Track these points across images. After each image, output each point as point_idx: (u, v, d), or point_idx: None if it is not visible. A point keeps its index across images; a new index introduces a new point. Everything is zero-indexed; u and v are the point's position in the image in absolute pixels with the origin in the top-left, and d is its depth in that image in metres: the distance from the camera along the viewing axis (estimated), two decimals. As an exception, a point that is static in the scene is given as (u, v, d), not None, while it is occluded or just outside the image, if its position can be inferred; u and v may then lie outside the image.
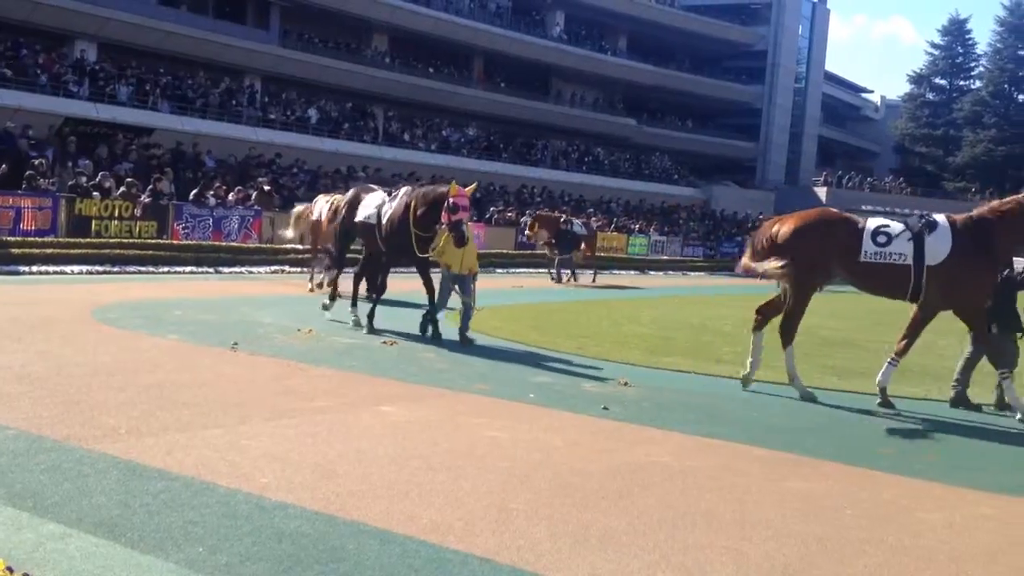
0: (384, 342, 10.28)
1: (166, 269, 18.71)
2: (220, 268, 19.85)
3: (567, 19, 52.51)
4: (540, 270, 26.70)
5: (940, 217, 8.39)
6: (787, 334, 8.55)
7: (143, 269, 18.35)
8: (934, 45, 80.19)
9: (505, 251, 30.25)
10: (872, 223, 8.49)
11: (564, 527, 4.43)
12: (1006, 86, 76.65)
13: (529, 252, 29.75)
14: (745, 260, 8.83)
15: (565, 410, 7.27)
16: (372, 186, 12.21)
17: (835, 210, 9.37)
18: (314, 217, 15.42)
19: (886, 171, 77.50)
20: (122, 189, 21.04)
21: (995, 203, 8.69)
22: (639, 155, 55.99)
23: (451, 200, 10.18)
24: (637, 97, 57.46)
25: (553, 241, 24.11)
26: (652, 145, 57.28)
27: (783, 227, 8.52)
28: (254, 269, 20.58)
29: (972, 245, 8.08)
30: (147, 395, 6.73)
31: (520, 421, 6.81)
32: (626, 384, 8.48)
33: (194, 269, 19.27)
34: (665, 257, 38.85)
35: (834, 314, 16.77)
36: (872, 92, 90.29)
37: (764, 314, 8.99)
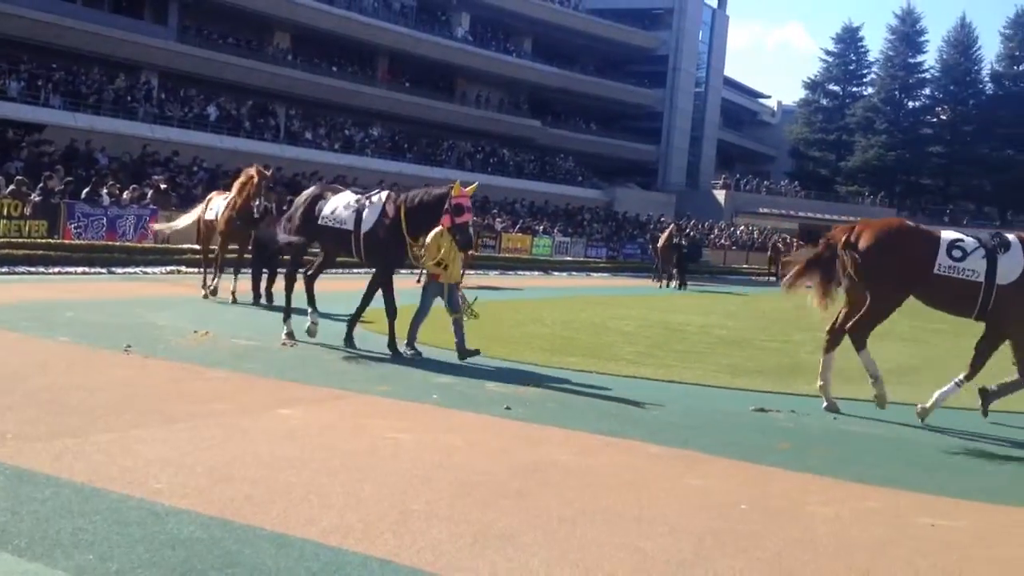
0: (284, 344, 10.12)
1: (57, 270, 18.04)
2: (114, 268, 19.23)
3: (472, 20, 52.68)
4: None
5: (1012, 236, 8.18)
6: (861, 339, 8.36)
7: (32, 270, 17.65)
8: (828, 52, 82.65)
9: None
10: (947, 236, 8.29)
11: (465, 527, 4.43)
12: (896, 93, 79.44)
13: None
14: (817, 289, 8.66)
15: (468, 411, 7.28)
16: (336, 186, 11.46)
17: (907, 221, 9.16)
18: (208, 216, 14.65)
19: (782, 174, 79.67)
20: (11, 187, 20.28)
21: None
22: (544, 156, 56.39)
23: (453, 201, 9.38)
24: (542, 99, 57.91)
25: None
26: (557, 147, 57.77)
27: (864, 238, 8.33)
28: (149, 269, 20.00)
29: None
30: (36, 399, 6.50)
31: (422, 422, 6.79)
32: (529, 384, 8.52)
33: (86, 269, 18.60)
34: (569, 258, 39.16)
35: (729, 314, 17.18)
36: (769, 97, 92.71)
37: (836, 335, 8.67)
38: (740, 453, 6.47)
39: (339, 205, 10.10)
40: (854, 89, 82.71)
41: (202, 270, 15.01)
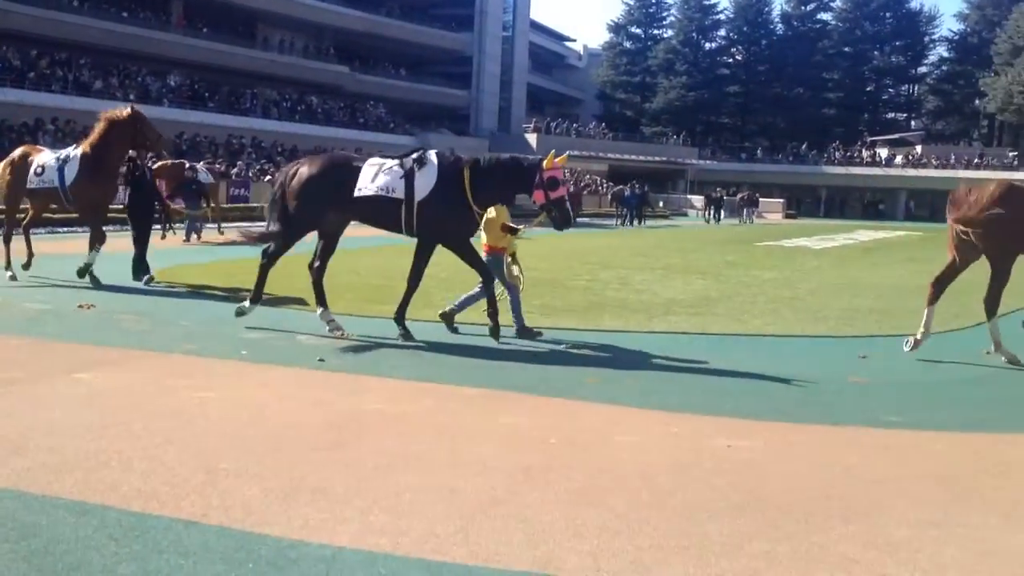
0: (80, 305, 9.62)
1: None
2: None
3: (272, -38, 50.85)
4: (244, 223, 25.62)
5: None
6: (994, 306, 8.48)
7: None
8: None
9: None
10: None
11: (276, 483, 4.37)
12: (694, 35, 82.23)
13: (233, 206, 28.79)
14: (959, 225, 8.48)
15: (279, 365, 7.15)
16: (352, 154, 9.86)
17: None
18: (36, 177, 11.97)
19: (591, 117, 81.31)
20: None
21: None
22: (354, 103, 55.44)
23: (547, 174, 8.27)
24: (349, 44, 56.76)
25: (173, 195, 18.99)
26: (367, 93, 56.89)
27: (986, 194, 8.37)
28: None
29: None
30: None
31: (231, 380, 6.63)
32: (343, 335, 8.44)
33: None
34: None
35: (541, 256, 17.49)
36: (575, 41, 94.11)
37: (939, 286, 8.83)
38: (552, 390, 6.63)
39: (378, 171, 8.48)
40: (655, 32, 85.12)
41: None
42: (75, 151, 11.58)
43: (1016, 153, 71.88)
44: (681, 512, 4.18)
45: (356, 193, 8.40)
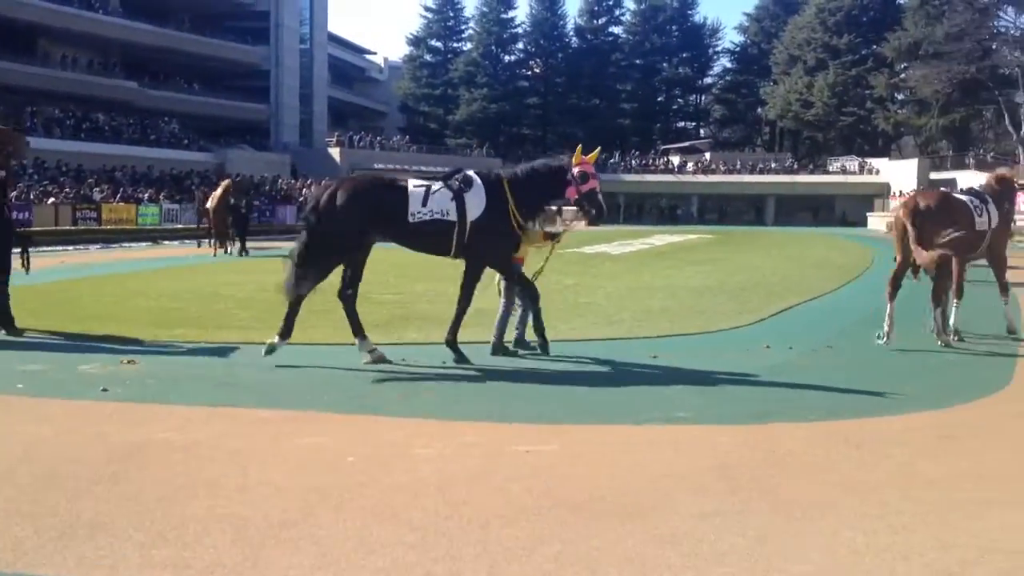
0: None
1: None
2: None
3: (52, -24, 48.26)
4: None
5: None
6: (942, 296, 9.67)
7: None
8: (427, 8, 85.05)
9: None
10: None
11: (51, 520, 4.11)
12: (493, 48, 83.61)
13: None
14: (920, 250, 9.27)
15: (60, 397, 6.73)
16: (391, 176, 9.14)
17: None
18: None
19: (395, 130, 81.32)
20: None
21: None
22: (145, 120, 53.22)
23: (576, 169, 8.23)
24: (138, 59, 54.58)
25: None
26: (159, 109, 54.80)
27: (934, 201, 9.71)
28: None
29: None
30: None
31: (6, 415, 6.20)
32: (130, 362, 8.05)
33: None
34: (180, 225, 37.40)
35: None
36: (376, 54, 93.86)
37: (896, 283, 9.86)
38: (353, 407, 6.55)
39: (426, 194, 8.17)
40: (455, 44, 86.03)
41: None
42: None
43: (795, 158, 76.84)
44: (476, 520, 4.20)
45: (410, 218, 8.07)
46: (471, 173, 8.45)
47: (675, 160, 74.80)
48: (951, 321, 9.77)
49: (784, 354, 9.02)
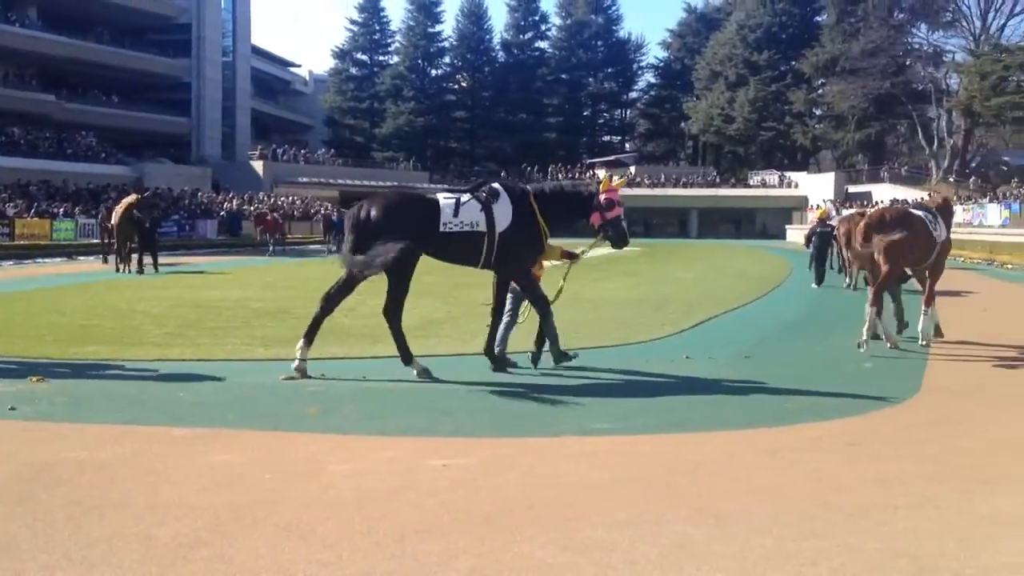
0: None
1: None
2: None
3: (-37, -14, 47.01)
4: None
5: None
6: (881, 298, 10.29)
7: None
8: (353, 22, 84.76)
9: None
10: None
11: (-52, 548, 3.97)
12: (420, 61, 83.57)
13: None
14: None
15: (-37, 418, 6.51)
16: (417, 187, 9.18)
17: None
18: None
19: (320, 143, 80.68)
20: None
21: None
22: (62, 133, 51.97)
23: (604, 197, 8.66)
24: (55, 71, 53.41)
25: None
26: (76, 122, 53.59)
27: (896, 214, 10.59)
28: None
29: None
30: None
31: (-97, 438, 5.97)
32: (39, 380, 7.83)
33: None
34: (96, 241, 36.43)
35: (267, 286, 17.11)
36: (300, 66, 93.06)
37: (879, 296, 10.33)
38: (270, 424, 6.46)
39: (456, 205, 8.37)
40: (381, 58, 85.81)
41: None
42: None
43: (717, 171, 78.19)
44: (391, 535, 4.17)
45: (442, 228, 8.25)
46: (496, 185, 8.66)
47: (601, 174, 75.29)
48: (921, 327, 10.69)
49: (704, 365, 9.15)
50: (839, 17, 69.63)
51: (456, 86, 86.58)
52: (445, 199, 8.46)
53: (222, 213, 46.33)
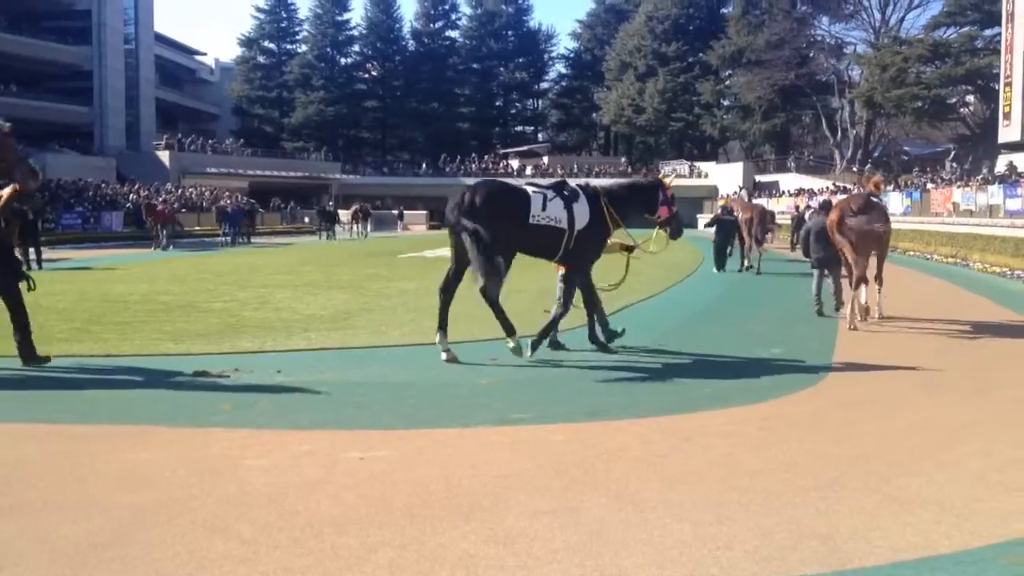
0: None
1: None
2: None
3: None
4: None
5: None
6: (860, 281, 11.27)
7: None
8: (260, 9, 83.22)
9: None
10: None
11: None
12: (329, 50, 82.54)
13: None
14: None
15: None
16: (505, 179, 9.82)
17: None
18: None
19: (228, 133, 79.08)
20: None
21: None
22: (-46, 123, 49.92)
23: (668, 193, 9.75)
24: (-54, 58, 51.22)
25: None
26: (-30, 111, 51.48)
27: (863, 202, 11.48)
28: None
29: None
30: None
31: None
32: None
33: None
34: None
35: (176, 278, 16.74)
36: (206, 55, 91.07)
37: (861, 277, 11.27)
38: (182, 420, 6.33)
39: (544, 200, 8.90)
40: (289, 46, 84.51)
41: None
42: None
43: (629, 161, 79.04)
44: (309, 530, 4.13)
45: (531, 220, 8.77)
46: (574, 185, 9.35)
47: (514, 164, 75.67)
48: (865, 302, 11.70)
49: (619, 353, 9.25)
50: (744, 9, 70.91)
51: (367, 75, 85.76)
52: (534, 192, 9.00)
53: (128, 205, 45.09)
